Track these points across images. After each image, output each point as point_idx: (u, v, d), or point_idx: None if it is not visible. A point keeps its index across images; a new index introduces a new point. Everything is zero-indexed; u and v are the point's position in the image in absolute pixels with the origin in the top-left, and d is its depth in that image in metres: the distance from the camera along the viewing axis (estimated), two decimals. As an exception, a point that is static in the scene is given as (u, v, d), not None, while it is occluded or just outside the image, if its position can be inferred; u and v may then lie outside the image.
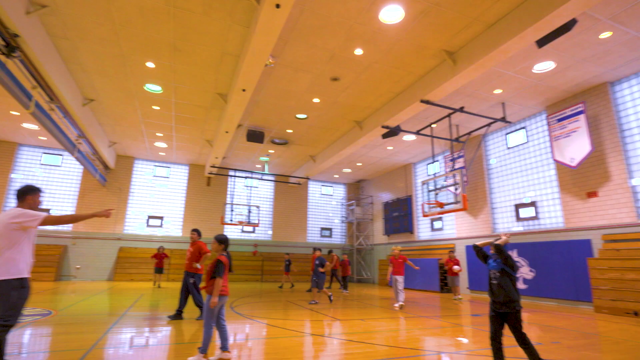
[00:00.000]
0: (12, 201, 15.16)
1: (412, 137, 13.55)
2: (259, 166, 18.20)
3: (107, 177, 16.49)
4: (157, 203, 17.50)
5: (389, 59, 8.48)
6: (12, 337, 4.76)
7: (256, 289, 13.87)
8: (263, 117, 12.06)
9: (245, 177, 18.27)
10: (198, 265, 6.54)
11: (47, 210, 15.49)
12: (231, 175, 17.56)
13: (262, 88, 10.01)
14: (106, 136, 14.33)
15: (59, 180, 16.06)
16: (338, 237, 21.17)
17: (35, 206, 3.30)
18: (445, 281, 13.86)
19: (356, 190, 21.88)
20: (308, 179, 17.77)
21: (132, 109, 11.60)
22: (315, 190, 21.17)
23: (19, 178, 15.45)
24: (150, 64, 8.87)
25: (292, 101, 10.79)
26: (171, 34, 7.70)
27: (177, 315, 6.45)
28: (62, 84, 8.94)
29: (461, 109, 10.07)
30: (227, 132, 11.64)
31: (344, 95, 10.35)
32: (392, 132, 11.80)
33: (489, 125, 10.98)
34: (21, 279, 3.05)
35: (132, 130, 13.60)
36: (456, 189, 9.88)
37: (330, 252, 15.05)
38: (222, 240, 4.19)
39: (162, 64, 8.87)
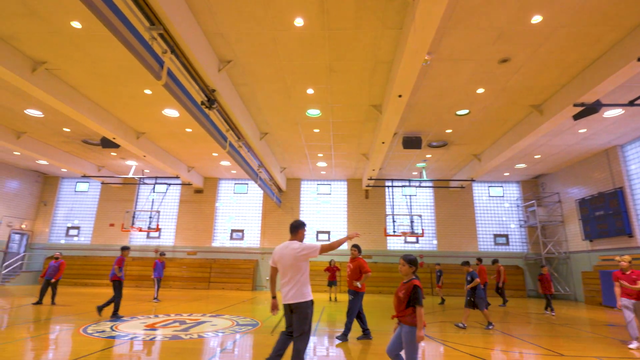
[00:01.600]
0: (219, 225, 18.90)
1: (618, 111, 10.40)
2: (415, 173, 17.45)
3: (281, 199, 18.77)
4: (323, 219, 18.82)
5: (582, 18, 6.66)
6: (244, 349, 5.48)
7: (428, 303, 12.98)
8: (419, 121, 11.42)
9: (402, 186, 17.77)
10: (359, 284, 6.28)
11: (241, 231, 18.65)
12: (388, 186, 17.37)
13: (417, 90, 9.45)
14: (278, 163, 16.34)
15: (247, 205, 19.18)
16: (517, 245, 18.12)
17: (303, 238, 3.94)
18: None
19: (534, 188, 18.40)
20: (473, 180, 15.92)
21: (297, 136, 12.82)
22: (481, 192, 18.84)
23: (221, 206, 19.19)
24: (310, 91, 9.55)
25: (451, 97, 9.80)
26: (327, 57, 8.06)
27: (365, 335, 6.33)
28: (245, 124, 10.56)
29: None
30: (383, 142, 11.48)
31: (515, 78, 8.75)
32: (589, 110, 9.30)
33: None
34: (312, 300, 3.73)
35: (297, 155, 15.07)
36: None
37: (494, 262, 13.04)
38: (413, 262, 3.61)
39: (319, 88, 9.42)
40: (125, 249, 8.43)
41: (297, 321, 3.59)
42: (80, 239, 19.14)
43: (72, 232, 19.25)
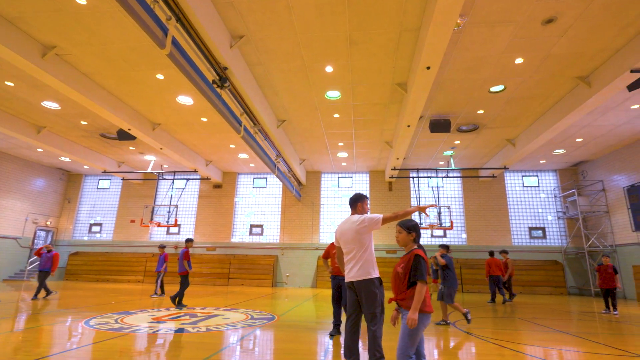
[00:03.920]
0: (238, 220, 18.50)
1: (679, 81, 9.13)
2: (442, 163, 16.43)
3: (301, 193, 18.16)
4: (344, 213, 18.07)
5: (648, -41, 5.64)
6: (249, 342, 4.86)
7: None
8: (448, 101, 10.50)
9: (428, 177, 16.78)
10: None
11: (261, 226, 18.15)
12: (413, 177, 16.43)
13: (446, 63, 8.57)
14: (297, 154, 15.72)
15: (266, 199, 18.69)
16: (555, 238, 16.75)
17: (365, 211, 3.61)
18: None
19: (574, 176, 16.97)
20: (505, 169, 14.76)
21: (316, 122, 12.14)
22: (514, 182, 17.57)
23: (240, 201, 18.79)
24: (329, 68, 8.85)
25: (485, 70, 8.86)
26: (347, 27, 7.34)
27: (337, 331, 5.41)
28: (261, 108, 9.98)
29: None
30: (408, 125, 10.63)
31: (561, 43, 7.74)
32: (648, 77, 8.14)
33: None
34: (379, 277, 3.32)
35: (317, 144, 14.40)
36: None
37: (502, 252, 12.24)
38: (413, 227, 2.90)
39: (339, 65, 8.71)
40: (189, 240, 8.85)
41: (366, 302, 3.22)
42: (102, 235, 19.22)
43: (94, 228, 19.37)
